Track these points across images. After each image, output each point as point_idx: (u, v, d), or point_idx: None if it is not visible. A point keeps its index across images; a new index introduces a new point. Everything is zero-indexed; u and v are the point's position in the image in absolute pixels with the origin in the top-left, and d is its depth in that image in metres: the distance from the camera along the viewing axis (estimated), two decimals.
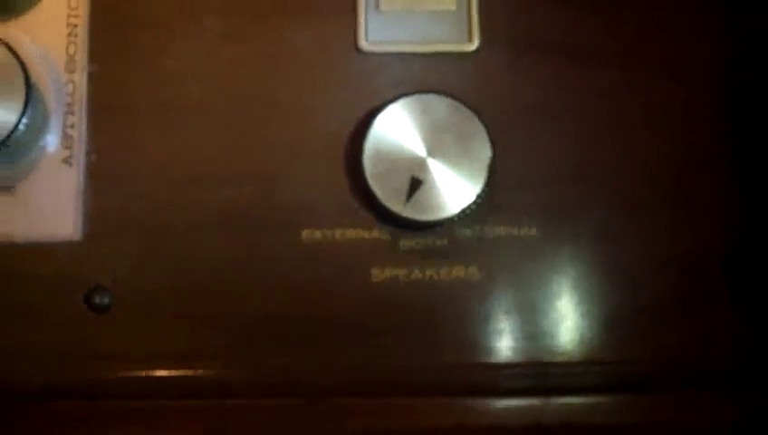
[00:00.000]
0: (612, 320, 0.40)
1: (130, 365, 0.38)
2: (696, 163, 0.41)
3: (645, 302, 0.40)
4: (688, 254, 0.41)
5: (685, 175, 0.41)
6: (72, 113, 0.41)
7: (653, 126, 0.42)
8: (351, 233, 0.40)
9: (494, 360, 0.39)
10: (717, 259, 0.41)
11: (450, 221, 0.40)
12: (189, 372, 0.38)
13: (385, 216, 0.40)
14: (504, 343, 0.39)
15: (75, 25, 0.42)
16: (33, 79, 0.40)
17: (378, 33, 0.42)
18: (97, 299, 0.40)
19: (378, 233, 0.40)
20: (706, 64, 0.42)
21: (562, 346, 0.39)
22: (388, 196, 0.39)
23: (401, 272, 0.40)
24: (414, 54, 0.41)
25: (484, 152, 0.40)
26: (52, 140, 0.41)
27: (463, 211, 0.39)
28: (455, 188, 0.39)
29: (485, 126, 0.40)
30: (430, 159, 0.39)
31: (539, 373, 0.38)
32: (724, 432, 0.36)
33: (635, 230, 0.41)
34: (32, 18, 0.42)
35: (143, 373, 0.38)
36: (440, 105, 0.40)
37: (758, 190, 0.41)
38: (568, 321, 0.40)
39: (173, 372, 0.38)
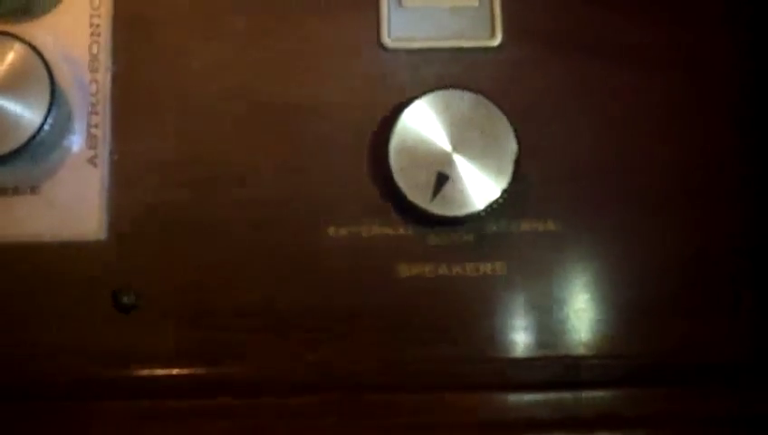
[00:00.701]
0: (632, 315, 0.40)
1: (158, 364, 0.38)
2: (714, 162, 0.41)
3: (666, 296, 0.40)
4: (710, 248, 0.40)
5: (705, 175, 0.41)
6: (96, 113, 0.41)
7: (674, 124, 0.42)
8: (377, 229, 0.40)
9: (520, 354, 0.39)
10: (735, 254, 0.41)
11: (476, 217, 0.40)
12: (217, 371, 0.37)
13: (411, 212, 0.40)
14: (531, 338, 0.39)
15: (98, 25, 0.42)
16: (58, 79, 0.40)
17: (401, 30, 0.42)
18: (124, 298, 0.40)
19: (404, 229, 0.40)
20: (726, 64, 0.42)
21: (587, 340, 0.39)
22: (414, 192, 0.39)
23: (428, 268, 0.40)
24: (437, 50, 0.41)
25: (510, 147, 0.40)
26: (76, 140, 0.41)
27: (489, 207, 0.39)
28: (481, 184, 0.39)
29: (511, 121, 0.40)
30: (456, 154, 0.39)
31: (566, 367, 0.38)
32: (741, 423, 0.36)
33: (656, 225, 0.41)
34: (55, 18, 0.42)
35: (172, 372, 0.38)
36: (465, 100, 0.40)
37: None
38: (591, 315, 0.40)
39: (201, 371, 0.38)
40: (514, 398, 0.36)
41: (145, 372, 0.38)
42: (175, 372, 0.38)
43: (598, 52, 0.42)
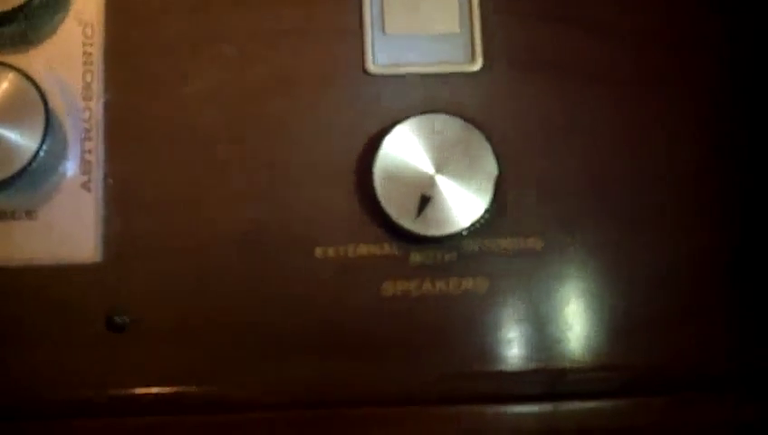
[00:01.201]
0: (618, 327, 0.41)
1: (151, 383, 0.39)
2: (696, 175, 0.43)
3: (649, 309, 0.41)
4: (691, 261, 0.42)
5: (686, 186, 0.43)
6: (90, 139, 0.43)
7: (654, 141, 0.43)
8: (363, 249, 0.42)
9: (504, 368, 0.40)
10: (720, 265, 0.42)
11: (459, 236, 0.41)
12: (209, 389, 0.39)
13: (395, 232, 0.41)
14: (513, 352, 0.41)
15: (91, 54, 0.43)
16: (52, 106, 0.41)
17: (384, 56, 0.43)
18: (117, 320, 0.41)
19: (388, 248, 0.42)
20: (709, 80, 0.43)
21: (570, 353, 0.41)
22: (399, 213, 0.40)
23: (412, 285, 0.41)
24: (420, 75, 0.43)
25: (491, 169, 0.41)
26: (71, 166, 0.42)
27: (471, 226, 0.41)
28: (463, 204, 0.41)
29: (491, 143, 0.41)
30: (438, 175, 0.41)
31: (548, 380, 0.39)
32: (728, 431, 0.37)
33: (638, 240, 0.42)
34: (49, 48, 0.43)
35: (164, 391, 0.39)
36: (447, 124, 0.41)
37: (759, 199, 0.42)
38: (574, 329, 0.41)
39: (192, 389, 0.39)
40: (496, 410, 0.37)
41: (137, 390, 0.39)
42: (167, 390, 0.39)
43: (576, 73, 0.43)
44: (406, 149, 0.41)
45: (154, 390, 0.39)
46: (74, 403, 0.38)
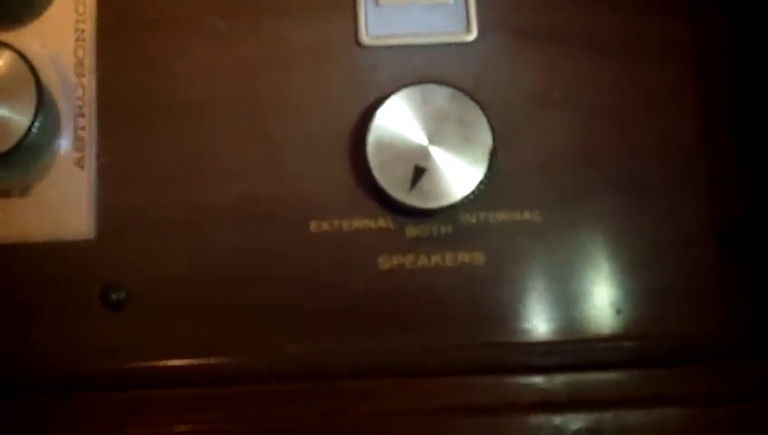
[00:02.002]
0: (616, 299, 0.41)
1: (146, 357, 0.39)
2: (693, 147, 0.42)
3: (646, 282, 0.41)
4: (688, 234, 0.41)
5: (683, 159, 0.42)
6: (83, 116, 0.42)
7: (650, 112, 0.42)
8: (358, 223, 0.41)
9: (498, 339, 0.40)
10: (719, 238, 0.41)
11: (454, 208, 0.40)
12: (204, 362, 0.39)
13: (390, 205, 0.41)
14: (508, 324, 0.40)
15: (83, 30, 0.43)
16: (45, 83, 0.41)
17: (377, 27, 0.43)
18: (112, 295, 0.41)
19: (384, 222, 0.41)
20: (704, 51, 0.43)
21: (565, 326, 0.40)
22: (393, 185, 0.40)
23: (408, 259, 0.41)
24: (414, 46, 0.42)
25: (485, 139, 0.40)
26: (64, 143, 0.42)
27: (466, 197, 0.40)
28: (457, 176, 0.40)
29: (485, 113, 0.40)
30: (432, 147, 0.40)
31: (545, 352, 0.38)
32: (738, 401, 0.36)
33: (634, 214, 0.41)
34: (41, 25, 0.43)
35: (159, 364, 0.39)
36: (440, 94, 0.40)
37: (757, 171, 0.42)
38: (572, 302, 0.41)
39: (187, 362, 0.39)
40: (491, 380, 0.37)
41: (133, 364, 0.39)
42: (162, 363, 0.39)
43: (571, 42, 0.42)
44: (399, 120, 0.40)
45: (149, 363, 0.39)
46: (71, 377, 0.38)
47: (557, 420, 0.36)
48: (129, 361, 0.39)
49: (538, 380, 0.36)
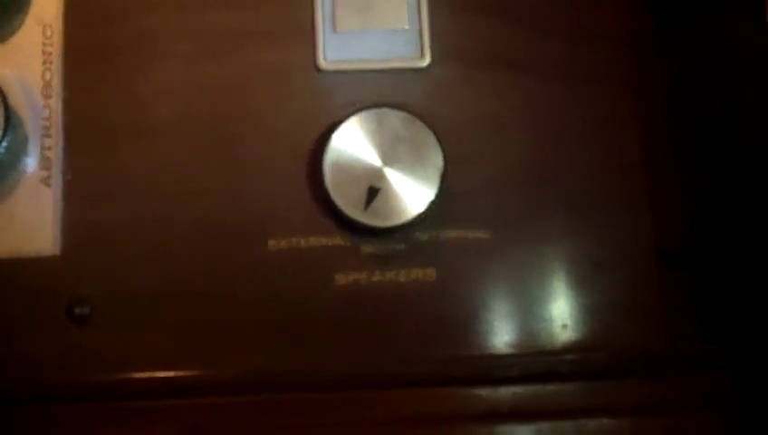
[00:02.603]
0: (560, 315, 0.43)
1: (110, 369, 0.40)
2: (636, 168, 0.44)
3: (590, 297, 0.43)
4: (630, 252, 0.43)
5: (625, 179, 0.44)
6: (49, 136, 0.44)
7: (594, 135, 0.45)
8: (315, 241, 0.43)
9: (447, 353, 0.41)
10: (660, 255, 0.43)
11: (407, 226, 0.42)
12: (166, 374, 0.40)
13: (346, 223, 0.42)
14: (457, 337, 0.42)
15: (50, 53, 0.44)
16: (12, 105, 0.43)
17: (335, 53, 0.44)
18: (77, 310, 0.42)
19: (340, 240, 0.43)
20: (644, 76, 0.45)
21: (512, 340, 0.42)
22: (348, 204, 0.42)
23: (363, 275, 0.43)
24: (370, 71, 0.44)
25: (437, 161, 0.42)
26: (30, 162, 0.44)
27: (418, 217, 0.42)
28: (410, 196, 0.42)
29: (437, 136, 0.42)
30: (386, 168, 0.42)
31: (490, 365, 0.40)
32: (675, 412, 0.38)
33: (579, 232, 0.43)
34: (9, 47, 0.44)
35: (122, 376, 0.40)
36: (394, 118, 0.42)
37: (695, 194, 0.44)
38: (517, 317, 0.43)
39: (150, 375, 0.40)
40: (439, 392, 0.39)
41: (96, 376, 0.40)
42: (125, 376, 0.40)
43: (520, 68, 0.45)
44: (355, 142, 0.42)
45: (113, 376, 0.40)
46: (36, 389, 0.39)
47: (502, 430, 0.37)
48: (92, 373, 0.41)
49: (483, 392, 0.38)
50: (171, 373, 0.40)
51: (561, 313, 0.43)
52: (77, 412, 0.39)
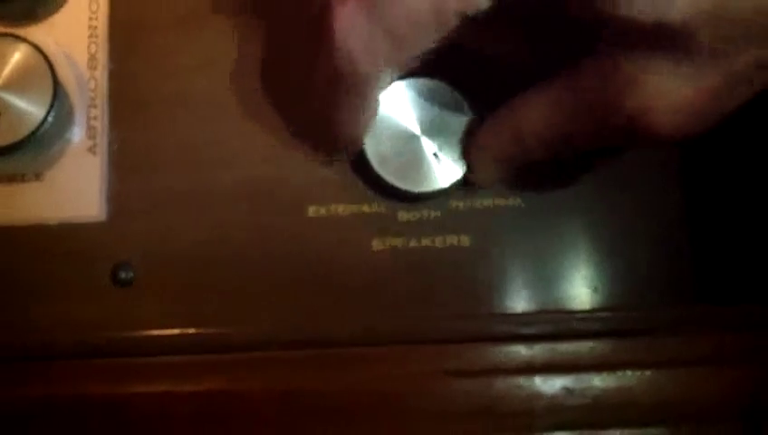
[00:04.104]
0: (586, 277, 0.44)
1: (152, 326, 0.42)
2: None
3: (620, 263, 0.44)
4: (661, 217, 0.45)
5: (656, 149, 0.46)
6: (95, 107, 0.45)
7: None
8: (353, 208, 0.44)
9: (482, 310, 0.43)
10: (689, 222, 0.45)
11: (442, 194, 0.44)
12: (207, 331, 0.41)
13: (384, 191, 0.44)
14: (491, 299, 0.43)
15: (96, 27, 0.46)
16: (59, 76, 0.44)
17: None
18: (122, 274, 0.43)
19: (377, 207, 0.44)
20: None
21: (544, 301, 0.43)
22: (387, 172, 0.43)
23: (399, 241, 0.44)
24: None
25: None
26: (77, 132, 0.45)
27: (453, 185, 0.43)
28: (446, 164, 0.43)
29: (472, 108, 0.44)
30: (424, 137, 0.43)
31: (525, 322, 0.41)
32: (700, 364, 0.40)
33: (609, 199, 0.45)
34: (56, 21, 0.46)
35: (164, 332, 0.41)
36: (431, 88, 0.44)
37: (724, 167, 0.45)
38: (549, 280, 0.44)
39: (192, 331, 0.41)
40: (477, 348, 0.40)
41: (138, 333, 0.41)
42: (166, 332, 0.41)
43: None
44: (392, 112, 0.43)
45: (155, 332, 0.41)
46: (80, 345, 0.40)
47: (537, 381, 0.39)
48: (135, 330, 0.42)
49: (520, 347, 0.40)
50: (213, 330, 0.41)
51: (592, 276, 0.44)
52: (117, 366, 0.40)
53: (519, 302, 0.43)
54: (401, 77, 0.43)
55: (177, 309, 0.43)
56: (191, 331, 0.41)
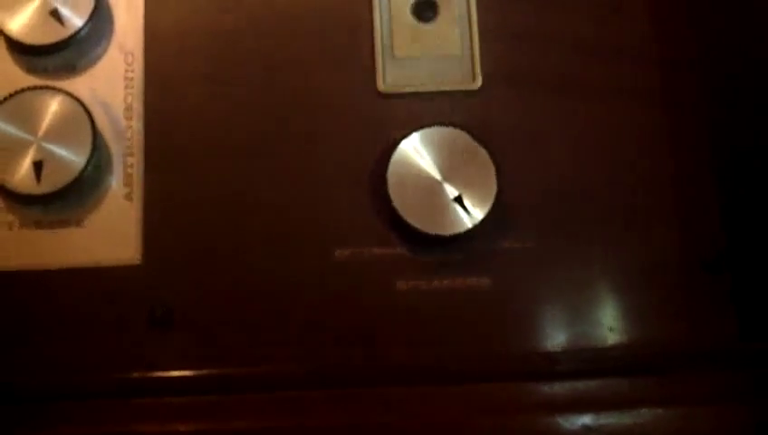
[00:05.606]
0: (602, 318, 0.46)
1: (188, 366, 0.44)
2: (677, 179, 0.47)
3: (634, 303, 0.46)
4: (671, 260, 0.46)
5: (668, 190, 0.47)
6: (132, 155, 0.47)
7: (636, 150, 0.48)
8: (378, 250, 0.46)
9: (502, 350, 0.45)
10: (699, 263, 0.47)
11: (463, 237, 0.45)
12: (240, 371, 0.43)
13: (407, 234, 0.46)
14: (509, 337, 0.45)
15: (132, 78, 0.48)
16: (98, 126, 0.46)
17: (394, 77, 0.48)
18: (158, 313, 0.45)
19: (400, 249, 0.46)
20: (682, 92, 0.48)
21: (559, 341, 0.45)
22: (410, 215, 0.45)
23: (422, 282, 0.46)
24: (426, 93, 0.48)
25: (490, 176, 0.46)
26: (114, 179, 0.47)
27: (474, 228, 0.45)
28: (466, 209, 0.45)
29: (490, 153, 0.46)
30: (445, 183, 0.45)
31: (541, 359, 0.43)
32: (710, 403, 0.41)
33: (622, 242, 0.47)
34: (94, 74, 0.48)
35: (199, 373, 0.43)
36: (450, 136, 0.46)
37: (733, 203, 0.47)
38: (564, 320, 0.46)
39: (227, 371, 0.43)
40: (497, 387, 0.42)
41: (175, 373, 0.43)
42: (203, 372, 0.43)
43: (563, 89, 0.48)
44: (416, 157, 0.46)
45: (190, 372, 0.43)
46: (121, 384, 0.42)
47: (559, 419, 0.41)
48: (172, 370, 0.44)
49: (538, 386, 0.41)
50: (246, 370, 0.43)
51: (608, 317, 0.46)
52: (162, 405, 0.42)
53: (537, 342, 0.45)
54: (416, 128, 0.45)
55: (212, 347, 0.45)
56: (221, 371, 0.43)
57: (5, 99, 0.46)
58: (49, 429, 0.41)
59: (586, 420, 0.40)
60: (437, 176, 0.45)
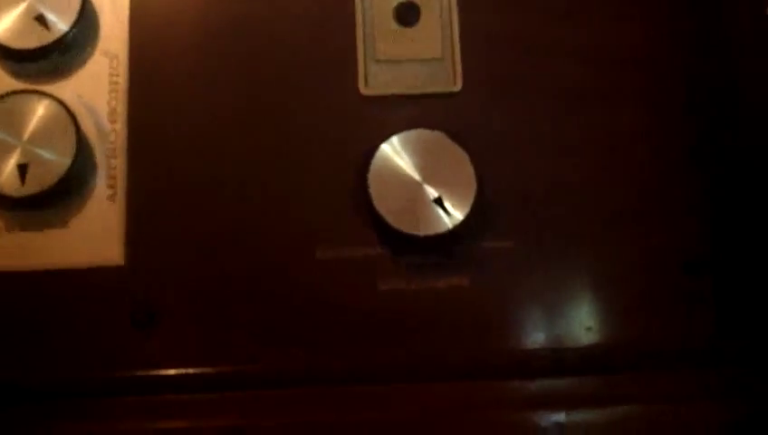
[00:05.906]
0: (580, 317, 0.46)
1: (168, 366, 0.44)
2: (658, 181, 0.48)
3: (613, 302, 0.46)
4: (651, 261, 0.47)
5: (647, 193, 0.48)
6: (115, 157, 0.48)
7: (617, 151, 0.48)
8: (359, 250, 0.47)
9: (482, 349, 0.45)
10: (679, 265, 0.47)
11: (443, 238, 0.46)
12: (221, 369, 0.43)
13: (388, 234, 0.46)
14: (489, 336, 0.45)
15: (116, 83, 0.49)
16: (83, 129, 0.47)
17: (376, 80, 0.49)
18: (139, 316, 0.46)
19: (382, 249, 0.47)
20: (666, 96, 0.49)
21: (538, 340, 0.45)
22: (391, 217, 0.46)
23: (403, 282, 0.46)
24: (407, 96, 0.48)
25: (470, 177, 0.46)
26: (98, 181, 0.48)
27: (454, 229, 0.46)
28: (446, 210, 0.46)
29: (470, 155, 0.46)
30: (425, 184, 0.46)
31: (519, 358, 0.44)
32: (688, 401, 0.42)
33: (602, 242, 0.47)
34: (80, 77, 0.49)
35: (179, 371, 0.44)
36: (431, 138, 0.46)
37: (714, 204, 0.47)
38: (543, 319, 0.46)
39: (204, 370, 0.43)
40: (476, 384, 0.42)
41: (157, 372, 0.44)
42: (181, 371, 0.43)
43: (544, 93, 0.48)
44: (396, 159, 0.46)
45: (170, 371, 0.44)
46: (98, 382, 0.43)
47: (535, 417, 0.41)
48: (151, 369, 0.44)
49: (516, 383, 0.42)
50: (225, 368, 0.44)
51: (585, 316, 0.46)
52: (140, 404, 0.43)
53: (516, 340, 0.45)
54: (400, 129, 0.46)
55: (191, 346, 0.45)
56: (205, 370, 0.43)
57: None
58: (32, 427, 0.42)
59: (560, 417, 0.41)
60: (418, 177, 0.46)
